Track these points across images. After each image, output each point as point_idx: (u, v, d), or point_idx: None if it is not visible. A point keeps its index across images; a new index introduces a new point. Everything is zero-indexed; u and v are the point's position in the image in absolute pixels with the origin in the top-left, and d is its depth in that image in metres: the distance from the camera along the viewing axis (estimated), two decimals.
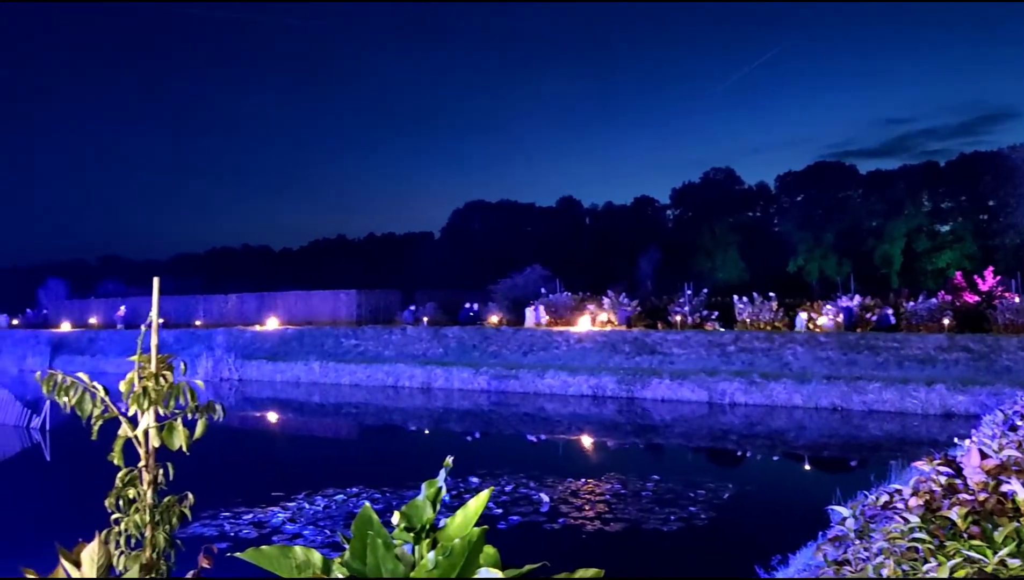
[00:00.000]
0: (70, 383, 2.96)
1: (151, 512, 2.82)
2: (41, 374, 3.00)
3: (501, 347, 30.03)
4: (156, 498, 2.88)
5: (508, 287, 37.06)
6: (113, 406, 2.93)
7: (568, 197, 68.72)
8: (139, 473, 2.84)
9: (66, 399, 2.93)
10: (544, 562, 3.69)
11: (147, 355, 2.95)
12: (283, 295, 44.69)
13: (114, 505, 2.79)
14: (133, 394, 2.78)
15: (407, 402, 27.29)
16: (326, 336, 34.86)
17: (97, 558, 2.35)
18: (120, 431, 2.92)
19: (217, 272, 72.35)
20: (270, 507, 12.27)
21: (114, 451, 2.86)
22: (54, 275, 62.75)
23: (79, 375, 3.00)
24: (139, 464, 2.87)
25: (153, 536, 2.82)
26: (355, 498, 12.88)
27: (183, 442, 2.85)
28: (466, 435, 21.79)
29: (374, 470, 16.17)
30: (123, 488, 2.80)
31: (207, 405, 2.91)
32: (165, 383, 2.79)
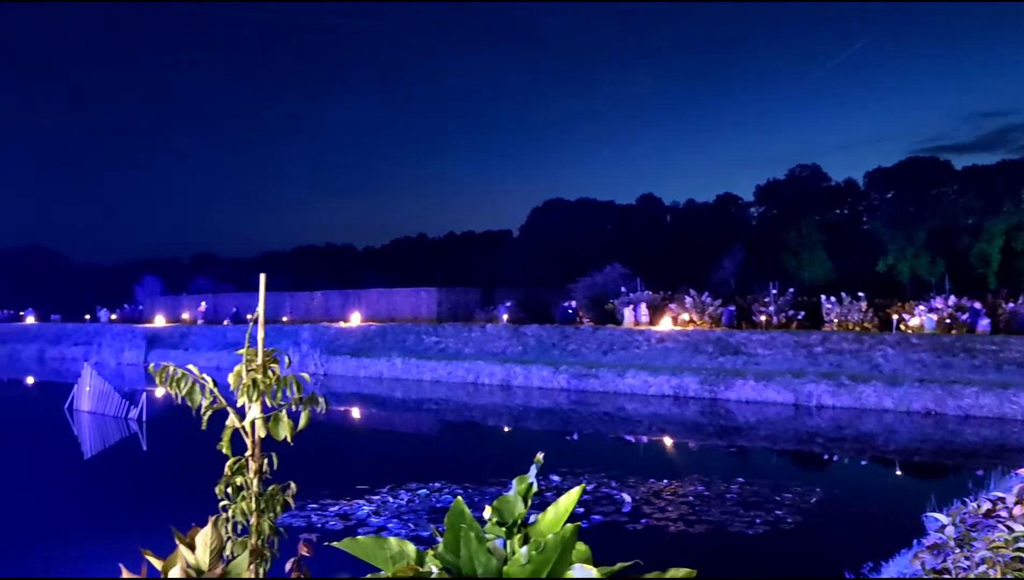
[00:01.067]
0: (181, 375, 3.09)
1: (257, 500, 2.92)
2: (155, 366, 3.14)
3: (580, 346, 29.95)
4: (261, 487, 2.98)
5: (587, 285, 36.91)
6: (221, 397, 3.05)
7: (648, 194, 68.05)
8: (246, 462, 2.95)
9: (178, 390, 3.06)
10: (636, 560, 3.67)
11: (253, 349, 3.05)
12: (366, 292, 45.53)
13: (223, 492, 2.90)
14: (243, 385, 2.89)
15: (487, 399, 27.48)
16: (408, 333, 35.36)
17: (210, 542, 2.45)
18: (228, 421, 3.04)
19: (303, 270, 74.14)
20: (355, 500, 12.52)
21: (222, 440, 2.98)
22: (150, 272, 65.37)
23: (189, 367, 3.13)
24: (246, 453, 2.98)
25: (259, 523, 2.93)
26: (437, 493, 13.04)
27: (288, 433, 2.95)
28: (546, 433, 21.82)
29: (455, 466, 16.33)
30: (232, 476, 2.91)
31: (310, 397, 3.00)
32: (273, 376, 2.89)
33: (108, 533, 11.31)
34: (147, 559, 2.39)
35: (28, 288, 75.47)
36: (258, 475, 2.95)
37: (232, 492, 2.91)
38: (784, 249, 51.39)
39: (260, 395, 2.89)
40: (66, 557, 10.03)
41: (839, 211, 57.85)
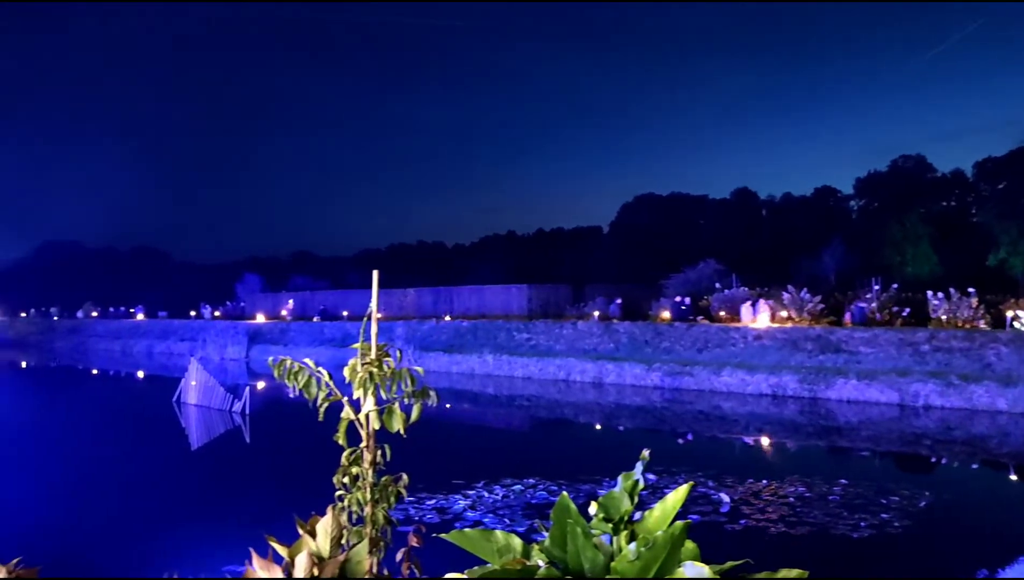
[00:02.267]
0: (298, 368, 3.17)
1: (372, 490, 2.98)
2: (273, 360, 3.24)
3: (674, 343, 29.56)
4: (375, 477, 3.04)
5: (680, 282, 36.42)
6: (336, 390, 3.12)
7: (743, 188, 66.63)
8: (361, 453, 3.02)
9: (295, 383, 3.15)
10: (747, 559, 3.61)
11: (367, 343, 3.11)
12: (457, 290, 46.06)
13: (341, 482, 2.98)
14: (358, 378, 2.95)
15: (578, 396, 27.42)
16: (499, 329, 35.60)
17: (331, 529, 2.51)
18: (343, 413, 3.11)
19: (396, 267, 75.48)
20: (451, 494, 12.68)
21: (339, 432, 3.05)
22: (250, 271, 67.69)
23: (305, 361, 3.22)
24: (360, 445, 3.04)
25: (373, 513, 2.99)
26: (532, 489, 13.08)
27: (400, 425, 3.01)
28: (639, 431, 21.63)
29: (548, 462, 16.36)
30: (348, 467, 2.98)
31: (422, 390, 3.05)
32: (388, 369, 2.95)
33: (219, 520, 11.76)
34: (271, 545, 2.47)
35: (138, 287, 79.17)
36: (372, 466, 3.01)
37: (349, 482, 2.98)
38: (886, 243, 49.51)
39: (375, 388, 2.94)
40: (190, 542, 10.47)
41: (945, 203, 55.43)
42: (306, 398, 3.19)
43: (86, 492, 13.88)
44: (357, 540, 2.94)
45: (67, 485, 14.46)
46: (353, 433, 3.14)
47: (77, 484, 14.56)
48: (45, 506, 12.73)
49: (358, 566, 2.44)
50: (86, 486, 14.40)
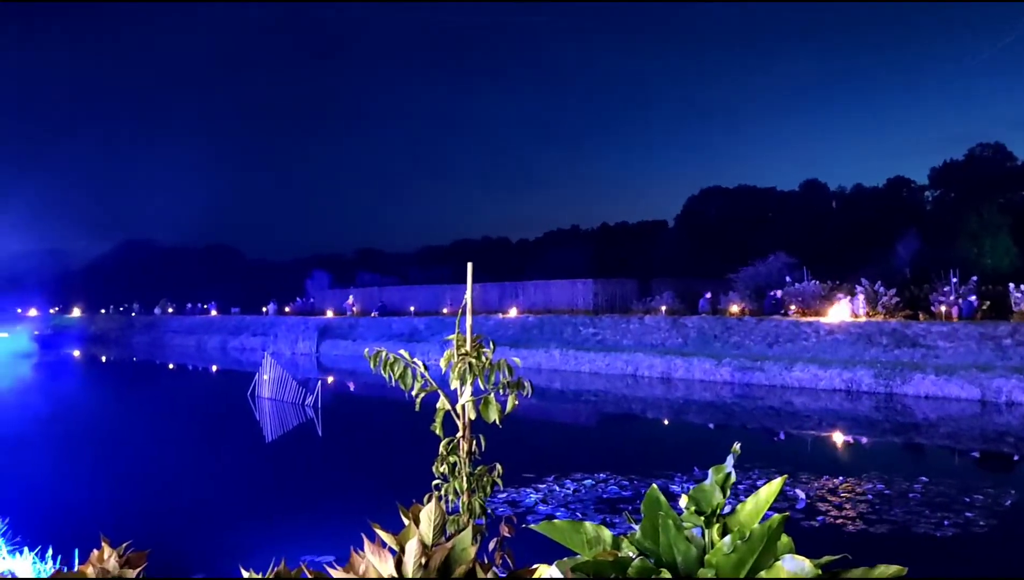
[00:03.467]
0: (394, 359, 3.24)
1: (468, 479, 3.03)
2: (369, 351, 3.31)
3: (744, 338, 29.12)
4: (471, 467, 3.09)
5: (749, 276, 35.84)
6: (432, 381, 3.18)
7: (812, 180, 65.33)
8: (458, 443, 3.07)
9: (391, 373, 3.21)
10: (845, 554, 3.55)
11: (463, 335, 3.16)
12: (523, 285, 46.14)
13: (439, 471, 3.03)
14: (456, 369, 3.00)
15: (646, 391, 27.24)
16: (565, 324, 35.55)
17: (434, 517, 2.55)
18: (439, 404, 3.16)
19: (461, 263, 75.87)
20: (522, 487, 12.72)
21: (435, 422, 3.11)
22: (319, 267, 68.93)
23: (400, 352, 3.28)
24: (457, 435, 3.09)
25: (470, 502, 3.03)
26: (603, 484, 13.05)
27: (497, 416, 3.04)
28: (709, 427, 21.39)
29: (618, 457, 16.30)
30: (446, 456, 3.03)
31: (517, 382, 3.08)
32: (486, 360, 2.98)
33: (305, 508, 12.03)
34: (377, 532, 2.52)
35: (211, 283, 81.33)
36: (469, 456, 3.05)
37: (447, 471, 3.03)
38: (963, 235, 47.94)
39: (473, 378, 2.98)
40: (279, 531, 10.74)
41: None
42: (401, 388, 3.25)
43: (178, 482, 14.34)
44: (455, 528, 2.99)
45: (159, 475, 14.96)
46: (448, 423, 3.19)
47: (168, 474, 15.05)
48: (141, 494, 13.20)
49: (463, 553, 2.47)
50: (177, 476, 14.88)
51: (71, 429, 21.61)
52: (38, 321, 64.27)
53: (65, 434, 20.63)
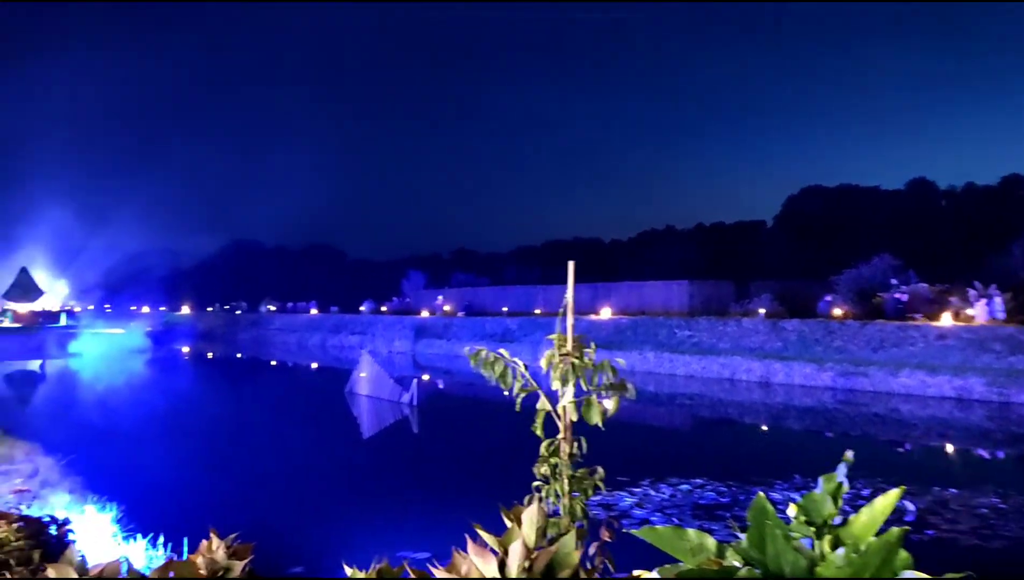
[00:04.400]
0: (494, 358, 3.21)
1: (570, 482, 2.98)
2: (469, 350, 3.30)
3: (847, 342, 28.12)
4: (572, 469, 3.04)
5: (852, 278, 34.58)
6: (533, 381, 3.14)
7: (920, 178, 62.64)
8: (559, 445, 3.02)
9: (491, 373, 3.19)
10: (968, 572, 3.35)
11: (563, 334, 3.11)
12: (615, 285, 45.77)
13: (540, 473, 2.99)
14: (558, 369, 2.95)
15: (743, 396, 26.62)
16: (659, 326, 35.10)
17: (536, 520, 2.51)
18: (539, 404, 3.12)
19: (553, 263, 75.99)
20: (616, 491, 12.59)
21: (536, 423, 3.07)
22: (415, 268, 70.05)
23: (500, 351, 3.26)
24: (558, 436, 3.05)
25: (571, 505, 2.98)
26: (700, 489, 12.80)
27: (599, 418, 2.98)
28: (810, 434, 20.74)
29: (715, 462, 15.96)
30: (547, 458, 2.99)
31: (620, 384, 3.01)
32: (589, 361, 2.93)
33: (404, 506, 12.22)
34: (479, 533, 2.50)
35: (312, 283, 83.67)
36: (570, 458, 3.00)
37: (549, 473, 2.99)
38: None
39: (575, 379, 2.94)
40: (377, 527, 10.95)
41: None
42: (501, 388, 3.22)
43: (280, 476, 14.78)
44: (556, 531, 2.95)
45: (262, 468, 15.44)
46: (548, 424, 3.15)
47: (271, 468, 15.51)
48: (246, 486, 13.65)
49: (567, 557, 2.43)
50: (279, 470, 15.32)
51: (181, 422, 22.56)
52: (150, 318, 67.34)
53: (176, 427, 21.55)
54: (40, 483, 9.18)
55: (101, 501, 9.04)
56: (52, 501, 8.16)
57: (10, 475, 9.42)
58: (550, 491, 3.01)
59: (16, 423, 16.89)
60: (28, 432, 14.45)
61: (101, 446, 17.37)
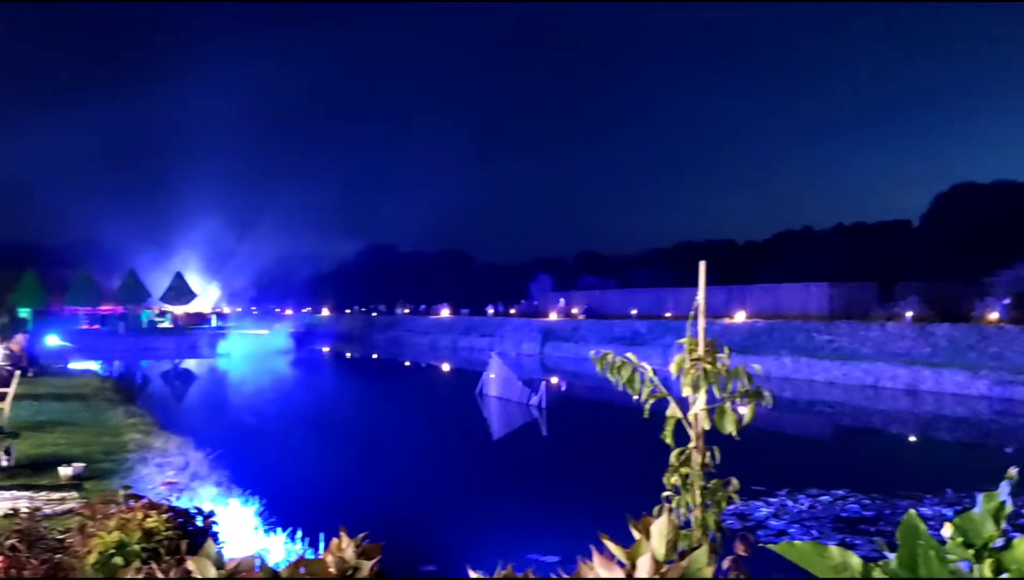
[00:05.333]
0: (621, 363, 3.11)
1: (702, 493, 2.85)
2: (595, 354, 3.22)
3: (1004, 348, 26.20)
4: (704, 480, 2.90)
5: (1011, 279, 32.22)
6: (662, 386, 3.02)
7: None
8: (690, 454, 2.90)
9: (618, 377, 3.09)
10: None
11: (694, 338, 2.98)
12: (750, 288, 44.47)
13: (670, 483, 2.87)
14: (689, 374, 2.83)
15: (888, 404, 25.25)
16: (796, 330, 33.81)
17: (666, 532, 2.41)
18: (668, 411, 3.00)
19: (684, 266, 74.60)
20: (751, 500, 12.16)
21: (665, 431, 2.95)
22: (542, 270, 70.40)
23: (628, 355, 3.15)
24: (689, 445, 2.92)
25: (703, 517, 2.85)
26: (841, 501, 12.19)
27: (733, 427, 2.84)
28: (961, 445, 19.44)
29: (857, 473, 15.18)
30: (678, 467, 2.87)
31: (756, 391, 2.86)
32: (722, 366, 2.80)
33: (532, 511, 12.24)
34: (606, 544, 2.41)
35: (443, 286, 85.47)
36: (702, 468, 2.87)
37: (679, 483, 2.87)
38: None
39: (708, 386, 2.80)
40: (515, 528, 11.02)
41: None
42: (629, 393, 3.12)
43: (410, 475, 15.09)
44: (687, 544, 2.82)
45: (393, 467, 15.81)
46: (678, 432, 3.02)
47: (402, 467, 15.84)
48: (377, 484, 14.02)
49: (699, 572, 2.31)
50: (410, 469, 15.63)
51: (321, 420, 23.46)
52: (293, 320, 70.44)
53: (315, 424, 22.42)
54: (189, 476, 9.71)
55: (244, 495, 9.47)
56: (200, 493, 8.60)
57: (163, 468, 10.00)
58: (681, 502, 2.89)
59: (170, 418, 17.98)
60: (180, 427, 15.33)
61: (246, 442, 18.28)
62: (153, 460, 10.51)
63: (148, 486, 8.21)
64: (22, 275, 62.02)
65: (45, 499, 8.01)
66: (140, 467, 9.97)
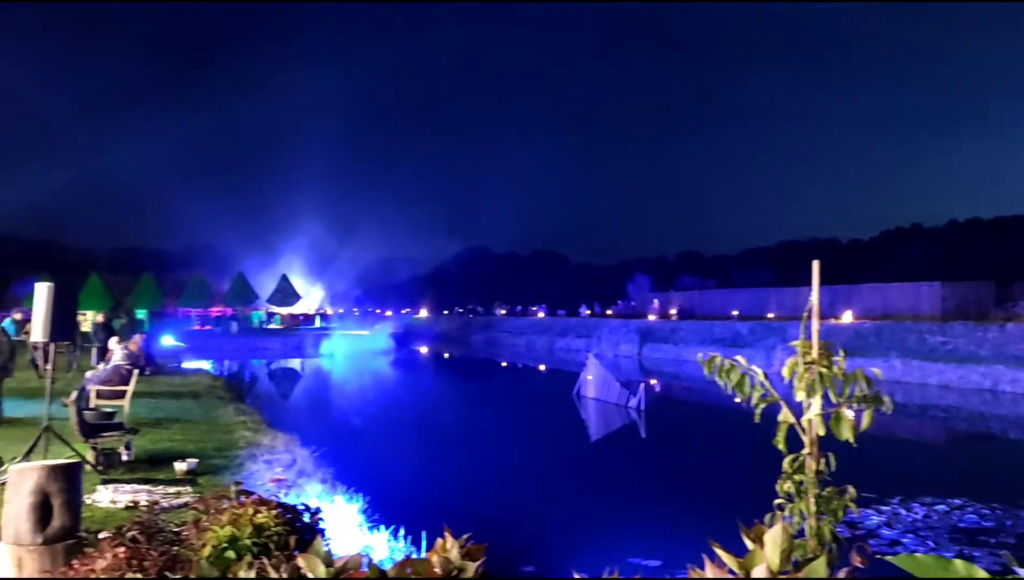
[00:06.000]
0: (730, 366, 3.02)
1: (817, 502, 2.73)
2: (703, 356, 3.13)
3: None
4: (819, 488, 2.79)
5: None
6: (773, 390, 2.92)
7: None
8: (804, 460, 2.79)
9: (726, 380, 3.00)
10: None
11: (808, 341, 2.87)
12: (856, 288, 42.96)
13: (784, 491, 2.77)
14: (803, 378, 2.72)
15: (1008, 409, 23.94)
16: (907, 331, 32.43)
17: (780, 541, 2.32)
18: (780, 416, 2.89)
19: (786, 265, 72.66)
20: (862, 508, 11.70)
21: (777, 436, 2.85)
22: (640, 270, 69.75)
23: (737, 358, 3.06)
24: (803, 451, 2.81)
25: (818, 526, 2.74)
26: (959, 511, 11.60)
27: (850, 433, 2.72)
28: None
29: (977, 482, 14.44)
30: (791, 474, 2.76)
31: (875, 396, 2.73)
32: (839, 370, 2.68)
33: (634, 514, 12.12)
34: (716, 551, 2.34)
35: (538, 287, 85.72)
36: (817, 475, 2.75)
37: (793, 491, 2.76)
38: None
39: (823, 390, 2.69)
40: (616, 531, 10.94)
41: None
42: (737, 398, 3.03)
43: (511, 476, 15.14)
44: (801, 555, 2.71)
45: (494, 467, 15.90)
46: (791, 438, 2.92)
47: (502, 467, 15.90)
48: (478, 484, 14.10)
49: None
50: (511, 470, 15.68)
51: (421, 420, 23.81)
52: (393, 321, 71.83)
53: (415, 424, 22.78)
54: (296, 473, 9.99)
55: (349, 492, 9.68)
56: (306, 490, 8.83)
57: (271, 464, 10.33)
58: (794, 510, 2.78)
59: (277, 416, 18.57)
60: (287, 425, 15.81)
61: (349, 440, 18.71)
62: (262, 457, 10.87)
63: (257, 482, 8.49)
64: (140, 278, 65.34)
65: (162, 493, 8.38)
66: (249, 463, 10.32)
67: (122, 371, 13.16)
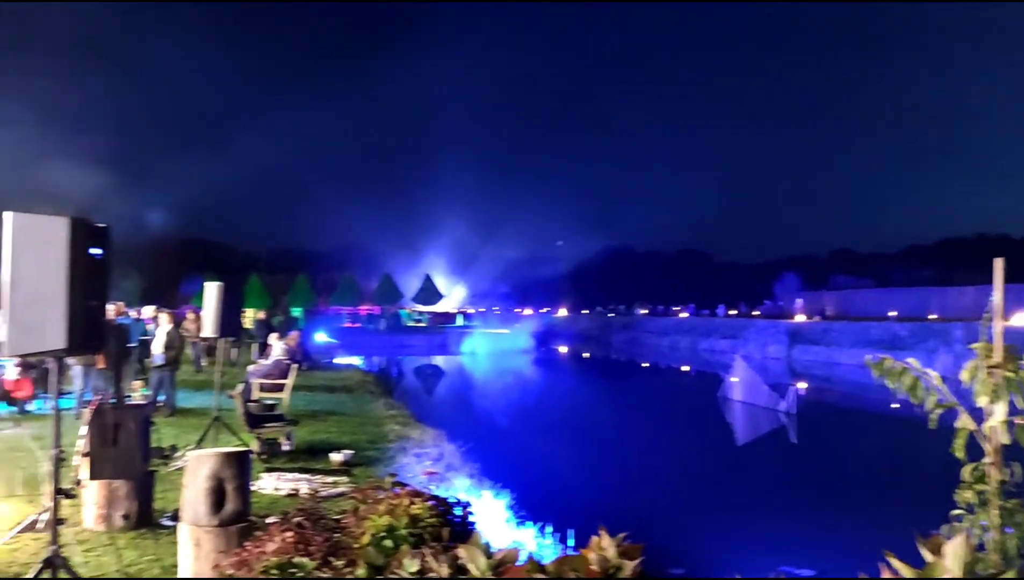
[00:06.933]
0: (901, 369, 2.88)
1: (1001, 515, 2.56)
2: (871, 359, 3.00)
3: None
4: (1003, 499, 2.61)
5: None
6: (951, 395, 2.76)
7: None
8: (985, 470, 2.62)
9: (899, 384, 2.86)
10: None
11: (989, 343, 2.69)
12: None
13: (964, 500, 2.61)
14: (986, 383, 2.56)
15: None
16: None
17: (962, 554, 2.19)
18: (958, 422, 2.73)
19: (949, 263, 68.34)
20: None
21: (956, 443, 2.69)
22: (788, 269, 67.35)
23: (909, 361, 2.91)
24: (984, 460, 2.64)
25: (1002, 540, 2.56)
26: None
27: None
28: None
29: None
30: (972, 483, 2.60)
31: None
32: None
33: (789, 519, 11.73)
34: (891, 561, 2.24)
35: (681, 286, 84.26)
36: (1000, 486, 2.58)
37: (974, 501, 2.60)
38: None
39: (1009, 396, 2.52)
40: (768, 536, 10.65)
41: None
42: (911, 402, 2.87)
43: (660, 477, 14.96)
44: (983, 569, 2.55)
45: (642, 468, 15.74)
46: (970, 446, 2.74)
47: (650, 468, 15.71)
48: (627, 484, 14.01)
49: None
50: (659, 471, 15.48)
51: (562, 417, 23.93)
52: (533, 320, 72.44)
53: (557, 421, 22.91)
54: (445, 466, 10.26)
55: (496, 487, 9.85)
56: (455, 484, 9.05)
57: (421, 458, 10.65)
58: (974, 522, 2.61)
59: (424, 411, 19.11)
60: (434, 420, 16.24)
61: (494, 436, 19.02)
62: (411, 450, 11.22)
63: (409, 474, 8.77)
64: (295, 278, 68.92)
65: (320, 482, 8.79)
66: (400, 456, 10.68)
67: (282, 365, 13.92)
